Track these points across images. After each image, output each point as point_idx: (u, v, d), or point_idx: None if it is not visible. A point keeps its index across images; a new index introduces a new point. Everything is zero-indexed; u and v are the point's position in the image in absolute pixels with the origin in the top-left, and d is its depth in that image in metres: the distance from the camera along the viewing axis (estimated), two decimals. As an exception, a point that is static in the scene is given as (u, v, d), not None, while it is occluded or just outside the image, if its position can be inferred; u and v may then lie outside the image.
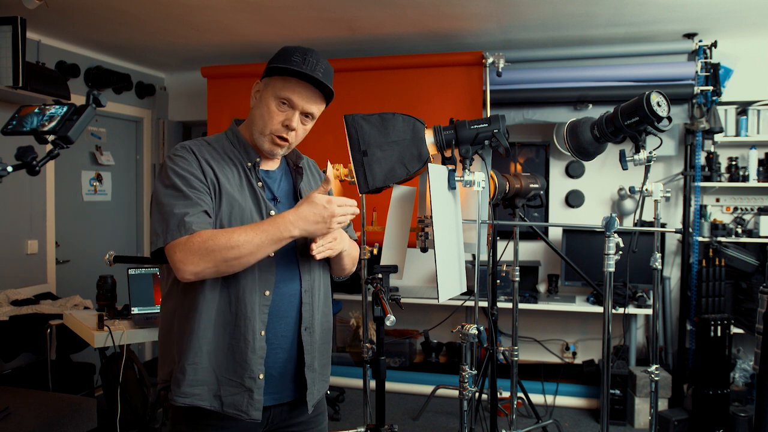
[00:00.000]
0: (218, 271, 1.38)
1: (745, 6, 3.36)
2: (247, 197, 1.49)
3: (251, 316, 1.45)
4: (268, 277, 1.48)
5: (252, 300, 1.45)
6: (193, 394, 1.44)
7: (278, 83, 1.49)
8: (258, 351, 1.45)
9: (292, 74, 1.48)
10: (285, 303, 1.51)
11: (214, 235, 1.36)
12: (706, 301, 3.87)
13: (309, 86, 1.49)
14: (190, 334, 1.43)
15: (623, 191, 4.36)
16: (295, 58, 1.47)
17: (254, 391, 1.45)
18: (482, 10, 3.47)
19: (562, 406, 4.10)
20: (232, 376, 1.45)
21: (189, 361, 1.43)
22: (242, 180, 1.51)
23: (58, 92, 3.61)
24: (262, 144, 1.53)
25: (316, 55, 1.49)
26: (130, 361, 3.22)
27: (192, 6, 3.38)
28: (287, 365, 1.53)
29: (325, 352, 1.64)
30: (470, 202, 2.37)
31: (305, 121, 1.54)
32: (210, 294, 1.44)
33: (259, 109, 1.52)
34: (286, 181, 1.62)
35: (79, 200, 4.44)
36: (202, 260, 1.34)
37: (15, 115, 1.35)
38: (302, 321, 1.53)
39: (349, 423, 3.80)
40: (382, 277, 1.92)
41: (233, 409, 1.44)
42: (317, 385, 1.59)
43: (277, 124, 1.50)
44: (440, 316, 4.47)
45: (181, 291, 1.47)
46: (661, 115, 2.16)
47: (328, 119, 4.49)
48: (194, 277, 1.37)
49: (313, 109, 1.52)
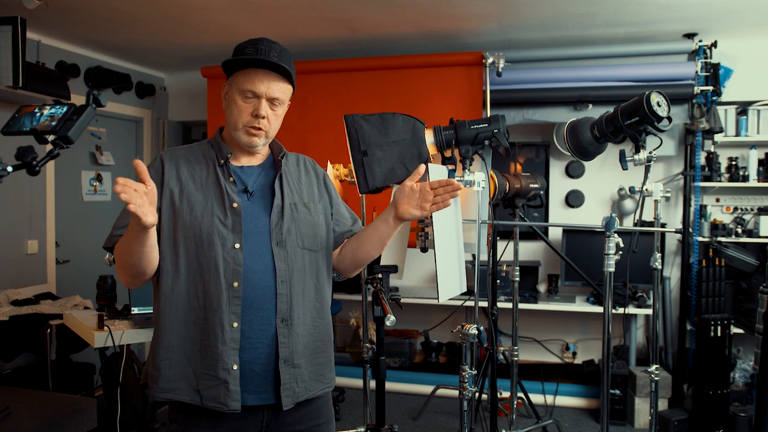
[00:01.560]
0: (136, 278, 1.47)
1: (745, 6, 3.36)
2: (210, 193, 1.54)
3: (218, 309, 1.47)
4: (235, 268, 1.49)
5: (218, 292, 1.47)
6: (172, 389, 1.49)
7: (239, 78, 1.54)
8: (229, 342, 1.47)
9: (248, 65, 1.53)
10: (260, 294, 1.51)
11: (119, 246, 1.48)
12: (706, 301, 3.87)
13: (268, 72, 1.53)
14: (159, 331, 1.51)
15: (623, 191, 4.36)
16: (248, 50, 1.53)
17: (230, 382, 1.46)
18: (482, 10, 3.47)
19: (562, 406, 4.10)
20: (207, 369, 1.47)
21: (160, 357, 1.49)
22: (209, 177, 1.56)
23: (58, 92, 3.61)
24: (240, 139, 1.57)
25: (267, 42, 1.54)
26: (130, 361, 3.22)
27: (192, 6, 3.38)
28: (270, 361, 1.51)
29: (317, 349, 1.61)
30: (470, 202, 2.37)
31: (274, 107, 1.57)
32: (176, 290, 1.50)
33: (229, 107, 1.58)
34: (265, 175, 1.63)
35: (79, 200, 4.44)
36: (121, 271, 1.49)
37: (15, 115, 1.35)
38: (278, 312, 1.52)
39: (349, 423, 3.81)
40: (382, 277, 1.92)
41: (212, 401, 1.46)
42: (302, 384, 1.55)
43: (246, 116, 1.54)
44: (440, 316, 4.47)
45: (156, 290, 1.55)
46: (661, 115, 2.17)
47: (328, 119, 4.51)
48: (129, 286, 1.52)
49: (277, 93, 1.55)
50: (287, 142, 1.83)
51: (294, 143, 4.16)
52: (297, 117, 4.30)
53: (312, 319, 1.60)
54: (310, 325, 1.59)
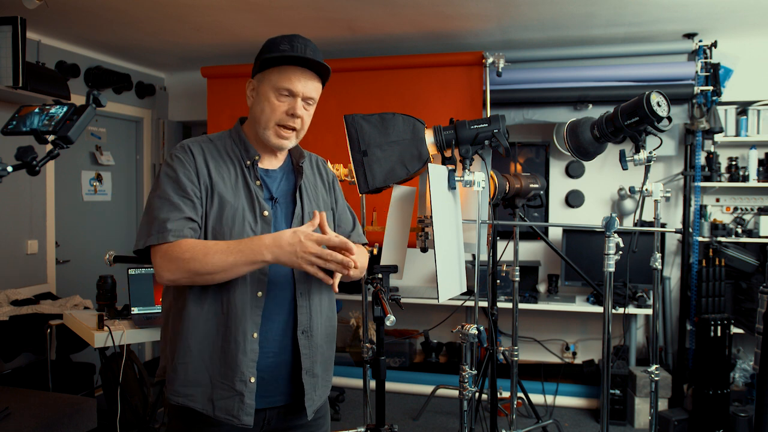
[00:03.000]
0: (193, 282, 1.40)
1: (745, 6, 3.36)
2: (241, 197, 1.48)
3: (242, 317, 1.43)
4: (261, 278, 1.46)
5: (243, 301, 1.44)
6: (186, 394, 1.45)
7: (274, 75, 1.48)
8: (249, 353, 1.44)
9: (287, 62, 1.47)
10: (278, 306, 1.49)
11: (193, 247, 1.38)
12: (706, 301, 3.87)
13: (305, 70, 1.49)
14: (180, 333, 1.45)
15: (623, 191, 4.36)
16: (283, 46, 1.47)
17: (245, 395, 1.43)
18: (482, 10, 3.47)
19: (562, 406, 4.10)
20: (223, 378, 1.44)
21: (179, 360, 1.45)
22: (238, 179, 1.50)
23: (58, 92, 3.61)
24: (268, 139, 1.52)
25: (301, 39, 1.50)
26: (130, 361, 3.22)
27: (192, 6, 3.38)
28: (280, 369, 1.51)
29: (328, 357, 1.62)
30: (470, 202, 2.37)
31: (307, 107, 1.54)
32: (201, 294, 1.44)
33: (260, 104, 1.51)
34: (286, 181, 1.59)
35: (79, 200, 4.44)
36: (178, 270, 1.38)
37: (15, 115, 1.35)
38: (298, 324, 1.50)
39: (349, 423, 3.80)
40: (382, 277, 1.92)
41: (225, 413, 1.43)
42: (318, 391, 1.57)
43: (280, 114, 1.50)
44: (440, 316, 4.47)
45: (175, 289, 1.49)
46: (661, 115, 2.16)
47: (328, 119, 4.51)
48: (171, 282, 1.41)
49: (312, 92, 1.52)
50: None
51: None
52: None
53: (326, 329, 1.60)
54: (325, 335, 1.59)
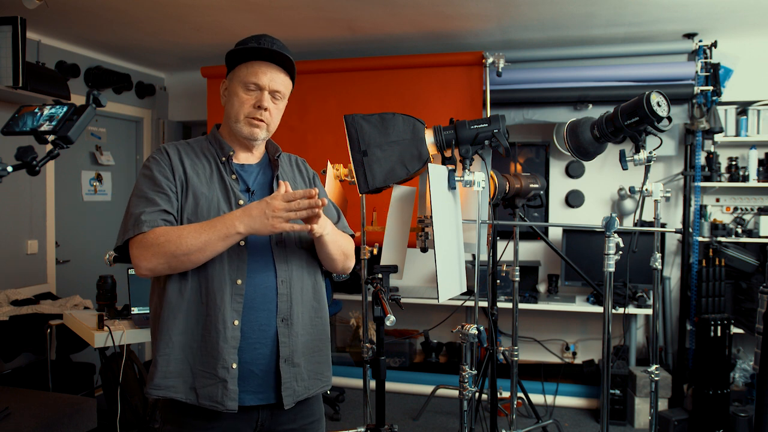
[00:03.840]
0: (171, 267, 1.43)
1: (745, 6, 3.36)
2: (216, 189, 1.54)
3: (221, 305, 1.46)
4: (239, 265, 1.49)
5: (222, 289, 1.46)
6: (167, 386, 1.46)
7: (242, 71, 1.56)
8: (230, 340, 1.46)
9: (252, 56, 1.55)
10: (260, 294, 1.51)
11: (166, 231, 1.42)
12: (706, 301, 3.87)
13: (271, 65, 1.56)
14: (161, 326, 1.47)
15: (623, 191, 4.36)
16: (251, 43, 1.56)
17: (228, 381, 1.45)
18: (482, 10, 3.47)
19: (562, 406, 4.10)
20: (205, 367, 1.46)
21: (160, 353, 1.46)
22: (213, 174, 1.56)
23: (58, 92, 3.61)
24: (240, 131, 1.58)
25: (269, 37, 1.57)
26: (130, 361, 3.22)
27: (192, 6, 3.38)
28: (270, 361, 1.51)
29: (315, 348, 1.61)
30: (470, 202, 2.37)
31: (275, 101, 1.59)
32: (181, 285, 1.47)
33: (230, 100, 1.59)
34: (263, 175, 1.64)
35: (79, 200, 4.44)
36: (154, 256, 1.40)
37: (15, 115, 1.35)
38: (278, 312, 1.52)
39: (349, 423, 3.81)
40: (382, 277, 1.92)
41: (208, 400, 1.45)
42: (302, 383, 1.56)
43: (249, 107, 1.56)
44: (440, 316, 4.47)
45: (158, 286, 1.53)
46: (661, 115, 2.16)
47: (328, 119, 4.51)
48: (150, 273, 1.43)
49: (279, 86, 1.58)
50: (287, 142, 1.84)
51: (294, 143, 4.16)
52: (297, 117, 4.29)
53: (310, 318, 1.61)
54: (309, 324, 1.60)
